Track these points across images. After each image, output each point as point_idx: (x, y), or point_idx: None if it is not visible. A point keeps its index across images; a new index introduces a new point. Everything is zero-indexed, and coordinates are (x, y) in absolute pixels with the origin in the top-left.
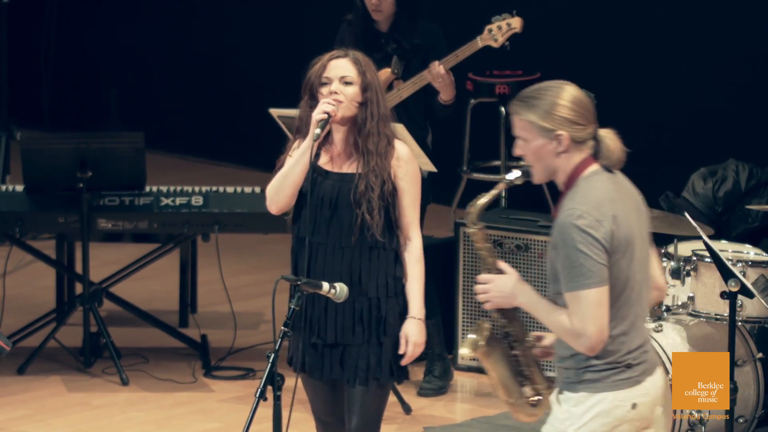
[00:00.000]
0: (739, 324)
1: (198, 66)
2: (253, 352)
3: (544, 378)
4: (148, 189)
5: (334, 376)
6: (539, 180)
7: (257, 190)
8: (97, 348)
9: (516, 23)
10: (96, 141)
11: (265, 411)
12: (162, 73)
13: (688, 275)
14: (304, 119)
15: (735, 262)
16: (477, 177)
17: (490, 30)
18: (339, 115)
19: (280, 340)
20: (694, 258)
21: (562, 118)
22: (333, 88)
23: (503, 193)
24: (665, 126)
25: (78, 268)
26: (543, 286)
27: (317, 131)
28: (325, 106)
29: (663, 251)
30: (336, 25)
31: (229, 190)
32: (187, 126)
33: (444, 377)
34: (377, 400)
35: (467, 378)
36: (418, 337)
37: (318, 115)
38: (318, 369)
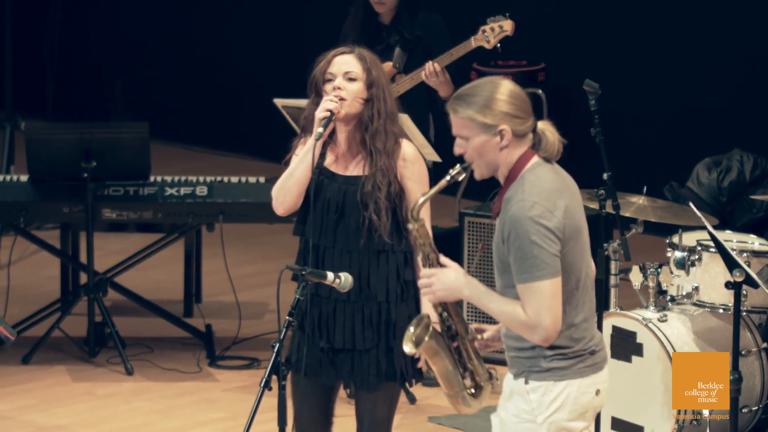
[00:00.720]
0: (744, 314)
1: (202, 56)
2: (258, 341)
3: (485, 370)
4: (152, 179)
5: (342, 379)
6: (481, 176)
7: (262, 180)
8: (102, 338)
9: (508, 26)
10: (100, 131)
11: (270, 401)
12: (166, 64)
13: (692, 265)
14: (309, 118)
15: (739, 252)
16: None
17: (483, 31)
18: (342, 113)
19: (284, 330)
20: (698, 248)
21: (501, 112)
22: (336, 84)
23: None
24: (670, 116)
25: (82, 257)
26: None
27: (320, 130)
28: (328, 103)
29: (668, 241)
30: (337, 14)
31: (234, 180)
32: (192, 116)
33: None
34: (387, 404)
35: None
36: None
37: (320, 113)
38: (324, 373)
